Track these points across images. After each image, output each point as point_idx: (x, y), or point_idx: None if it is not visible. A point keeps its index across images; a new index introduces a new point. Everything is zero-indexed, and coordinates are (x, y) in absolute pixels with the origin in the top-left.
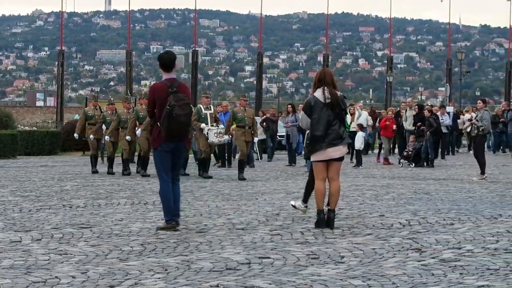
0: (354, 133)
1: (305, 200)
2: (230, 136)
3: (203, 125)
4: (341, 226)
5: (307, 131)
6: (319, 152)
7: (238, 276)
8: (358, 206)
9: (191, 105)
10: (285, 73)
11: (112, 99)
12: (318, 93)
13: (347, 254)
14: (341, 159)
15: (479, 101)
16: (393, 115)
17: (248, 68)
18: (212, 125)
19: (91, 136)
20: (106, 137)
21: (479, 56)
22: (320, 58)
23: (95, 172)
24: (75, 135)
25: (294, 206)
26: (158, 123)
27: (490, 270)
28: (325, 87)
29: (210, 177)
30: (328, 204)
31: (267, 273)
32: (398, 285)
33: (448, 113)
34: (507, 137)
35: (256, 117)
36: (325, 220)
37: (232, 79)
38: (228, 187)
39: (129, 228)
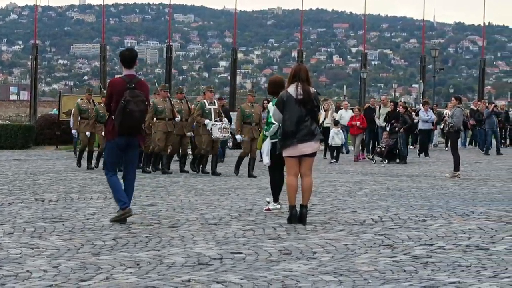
0: (328, 129)
1: (276, 199)
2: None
3: (207, 121)
4: (314, 222)
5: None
6: (290, 148)
7: (210, 271)
8: (331, 202)
9: (147, 103)
10: (259, 68)
11: (105, 91)
12: (291, 89)
13: (319, 249)
14: (313, 154)
15: (452, 98)
16: (361, 112)
17: (222, 63)
18: (216, 120)
19: (87, 133)
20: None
21: (453, 54)
22: (294, 54)
23: (90, 168)
24: (73, 131)
25: (269, 209)
26: (113, 117)
27: (462, 267)
28: (299, 83)
29: (207, 173)
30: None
31: (239, 268)
32: (370, 281)
33: (419, 110)
34: (482, 134)
35: (232, 113)
36: (298, 216)
37: (206, 74)
38: (201, 182)
39: (101, 223)
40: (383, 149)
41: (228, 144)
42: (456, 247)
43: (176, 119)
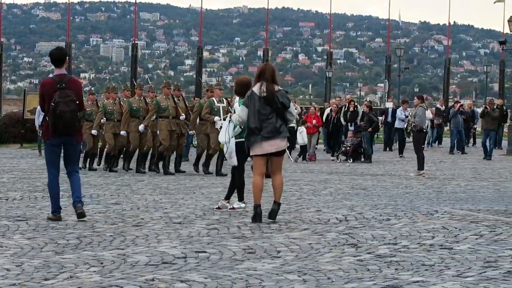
0: (293, 128)
1: (241, 198)
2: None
3: (216, 118)
4: (278, 221)
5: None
6: (255, 146)
7: (174, 270)
8: (296, 201)
9: (78, 102)
10: (225, 67)
11: (92, 89)
12: (256, 87)
13: (284, 248)
14: (281, 153)
15: (415, 98)
16: (316, 111)
17: (188, 62)
18: (224, 119)
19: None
20: (94, 131)
21: (418, 53)
22: (260, 52)
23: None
24: None
25: (233, 208)
26: (47, 117)
27: (425, 266)
28: (263, 82)
29: (210, 173)
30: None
31: (203, 267)
32: (334, 280)
33: (387, 108)
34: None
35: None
36: (269, 212)
37: (172, 73)
38: (166, 181)
39: (65, 221)
40: (348, 148)
41: (194, 142)
42: (420, 246)
43: (181, 117)
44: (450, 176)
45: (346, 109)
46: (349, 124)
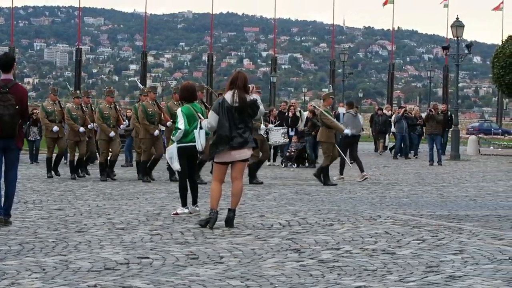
0: None
1: (184, 204)
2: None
3: (262, 125)
4: (221, 226)
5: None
6: (222, 154)
7: (117, 276)
8: (239, 206)
9: (19, 106)
10: (169, 72)
11: (78, 92)
12: (228, 95)
13: (227, 254)
14: (245, 160)
15: (345, 104)
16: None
17: (133, 67)
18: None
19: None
20: (81, 129)
21: (363, 58)
22: (205, 57)
23: (50, 177)
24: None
25: (176, 214)
26: None
27: (368, 271)
28: (236, 91)
29: (261, 183)
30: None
31: (145, 273)
32: (276, 285)
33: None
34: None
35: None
36: (225, 219)
37: (116, 78)
38: (109, 186)
39: (7, 227)
40: (292, 153)
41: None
42: (363, 251)
43: (89, 126)
44: (393, 181)
45: (286, 114)
46: (289, 129)
